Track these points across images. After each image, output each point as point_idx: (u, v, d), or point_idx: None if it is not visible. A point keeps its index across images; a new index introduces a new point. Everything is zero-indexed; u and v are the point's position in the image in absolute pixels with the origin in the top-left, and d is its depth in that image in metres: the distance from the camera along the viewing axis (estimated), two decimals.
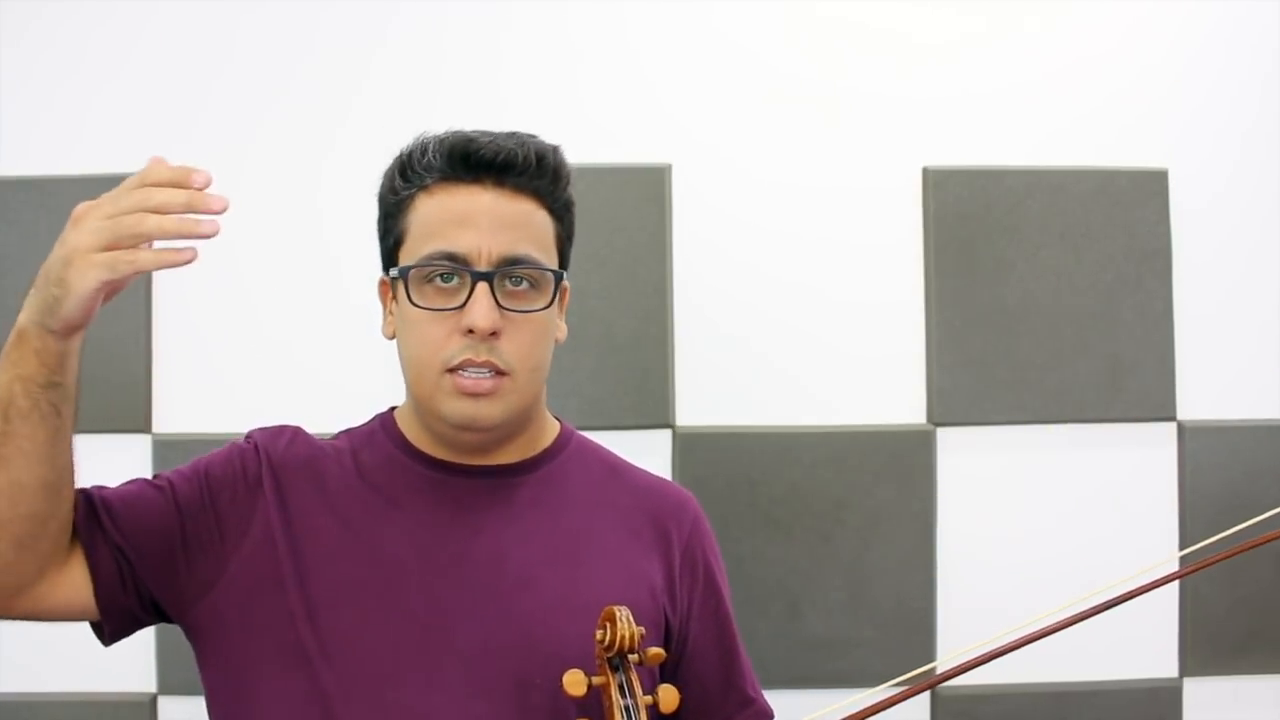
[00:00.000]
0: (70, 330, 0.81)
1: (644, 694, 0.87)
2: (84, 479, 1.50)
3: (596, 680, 0.86)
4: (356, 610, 0.95)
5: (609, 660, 0.88)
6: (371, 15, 1.58)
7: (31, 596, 0.90)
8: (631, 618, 0.86)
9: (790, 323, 1.60)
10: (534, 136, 1.00)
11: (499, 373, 0.95)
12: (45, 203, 1.54)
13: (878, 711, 0.63)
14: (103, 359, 1.54)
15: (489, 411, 0.95)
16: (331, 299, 1.54)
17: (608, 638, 0.87)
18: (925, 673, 0.65)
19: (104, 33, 1.57)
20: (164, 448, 1.53)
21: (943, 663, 1.59)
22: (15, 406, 0.83)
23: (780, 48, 1.61)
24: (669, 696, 0.87)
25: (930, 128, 1.62)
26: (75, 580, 0.92)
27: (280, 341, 1.56)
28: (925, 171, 1.62)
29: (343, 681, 0.92)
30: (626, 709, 0.85)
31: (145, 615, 0.97)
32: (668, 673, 1.03)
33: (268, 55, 1.58)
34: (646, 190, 1.58)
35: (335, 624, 0.94)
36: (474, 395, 0.94)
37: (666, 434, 1.57)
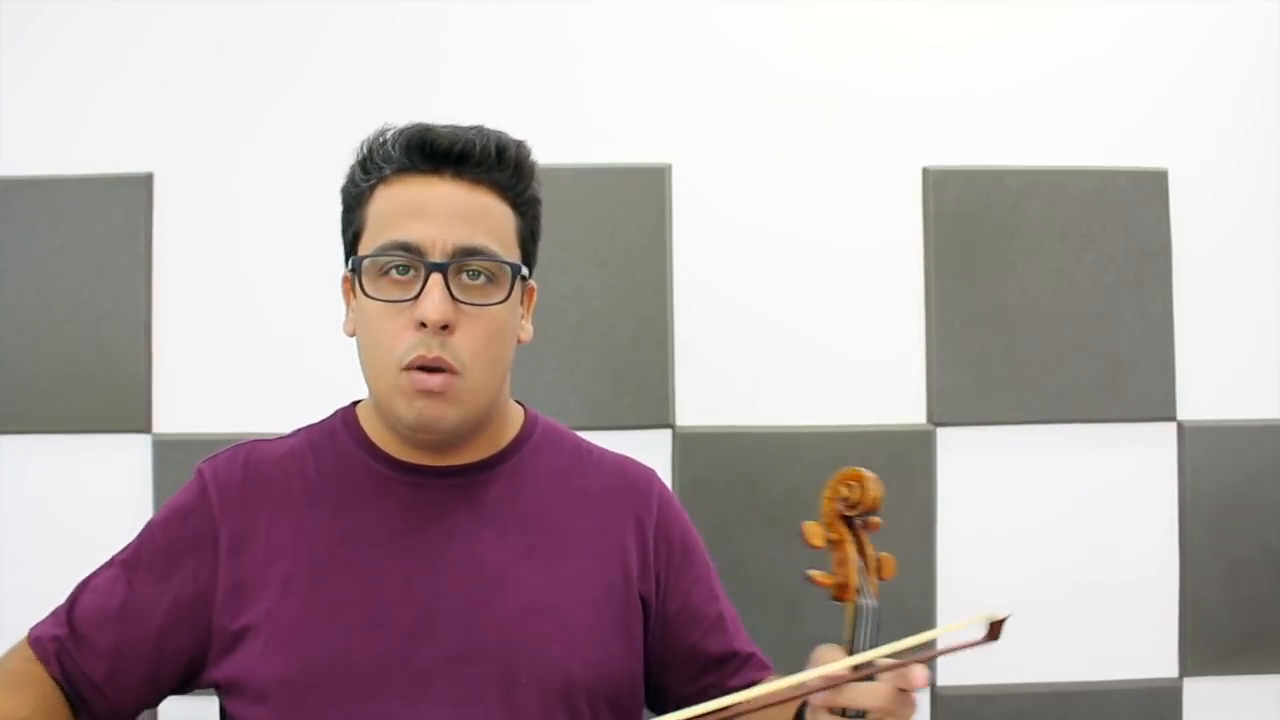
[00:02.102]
0: None
1: (875, 554, 0.84)
2: (84, 479, 1.52)
3: (834, 535, 0.84)
4: (340, 629, 0.93)
5: (844, 519, 0.85)
6: (372, 15, 1.58)
7: None
8: (879, 480, 0.83)
9: (790, 323, 1.60)
10: (500, 131, 0.98)
11: (451, 371, 0.92)
12: (45, 203, 1.54)
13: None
14: (103, 359, 1.54)
15: (443, 413, 0.94)
16: (331, 298, 1.52)
17: (854, 495, 0.83)
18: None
19: (104, 33, 1.57)
20: (164, 448, 1.53)
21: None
22: None
23: (780, 48, 1.61)
24: (889, 562, 0.85)
25: (930, 128, 1.62)
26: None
27: (281, 341, 1.55)
28: (925, 172, 1.62)
29: (328, 703, 0.91)
30: (863, 568, 0.83)
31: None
32: (654, 638, 1.04)
33: (268, 55, 1.58)
34: (646, 190, 1.58)
35: (319, 648, 0.93)
36: (426, 394, 0.92)
37: (666, 434, 1.57)
